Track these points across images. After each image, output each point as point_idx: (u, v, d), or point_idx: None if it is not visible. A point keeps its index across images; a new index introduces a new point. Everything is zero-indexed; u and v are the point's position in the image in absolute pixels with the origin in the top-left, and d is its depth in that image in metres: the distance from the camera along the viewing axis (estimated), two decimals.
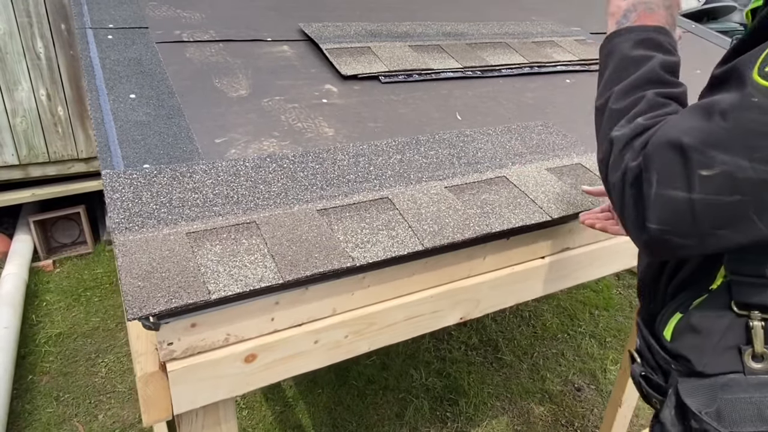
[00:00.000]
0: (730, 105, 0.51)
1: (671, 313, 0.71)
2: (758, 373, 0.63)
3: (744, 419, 0.63)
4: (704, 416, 0.64)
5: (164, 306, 0.73)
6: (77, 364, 2.33)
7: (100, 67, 1.26)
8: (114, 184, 0.92)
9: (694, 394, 0.66)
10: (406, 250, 0.91)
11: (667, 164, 0.53)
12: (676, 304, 0.71)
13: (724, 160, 0.50)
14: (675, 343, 0.70)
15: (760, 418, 0.62)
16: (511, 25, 2.01)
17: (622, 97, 0.68)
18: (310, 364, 0.93)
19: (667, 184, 0.53)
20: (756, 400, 0.63)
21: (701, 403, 0.65)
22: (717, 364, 0.66)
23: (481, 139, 1.28)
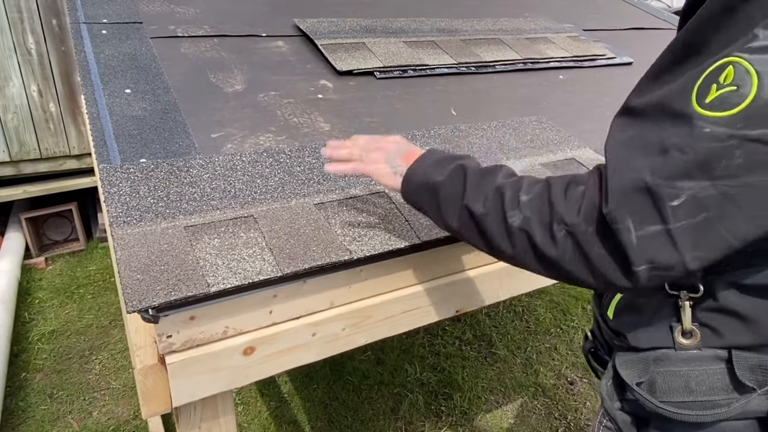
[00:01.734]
0: (684, 139, 0.52)
1: (614, 293, 0.76)
2: (686, 348, 0.67)
3: (673, 390, 0.67)
4: (636, 387, 0.68)
5: (164, 298, 0.73)
6: (71, 361, 2.32)
7: (95, 62, 1.26)
8: (111, 178, 0.92)
9: (629, 367, 0.70)
10: (402, 243, 0.92)
11: (639, 207, 0.54)
12: None
13: (689, 186, 0.52)
14: (615, 320, 0.75)
15: (687, 389, 0.66)
16: (505, 22, 2.02)
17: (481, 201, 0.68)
18: (307, 357, 0.94)
19: (644, 224, 0.54)
20: (684, 372, 0.67)
21: (635, 374, 0.69)
22: (650, 339, 0.70)
23: (475, 134, 1.29)
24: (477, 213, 0.68)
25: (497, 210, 0.66)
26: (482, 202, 0.68)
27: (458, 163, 0.75)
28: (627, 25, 2.37)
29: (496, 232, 0.66)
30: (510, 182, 0.67)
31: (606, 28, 2.28)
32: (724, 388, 0.65)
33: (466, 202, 0.70)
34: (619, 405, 0.72)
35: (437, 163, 0.78)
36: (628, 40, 2.21)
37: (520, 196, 0.64)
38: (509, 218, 0.64)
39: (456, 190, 0.72)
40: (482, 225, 0.68)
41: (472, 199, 0.69)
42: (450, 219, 0.73)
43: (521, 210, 0.64)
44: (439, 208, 0.75)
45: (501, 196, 0.66)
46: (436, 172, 0.76)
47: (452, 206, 0.72)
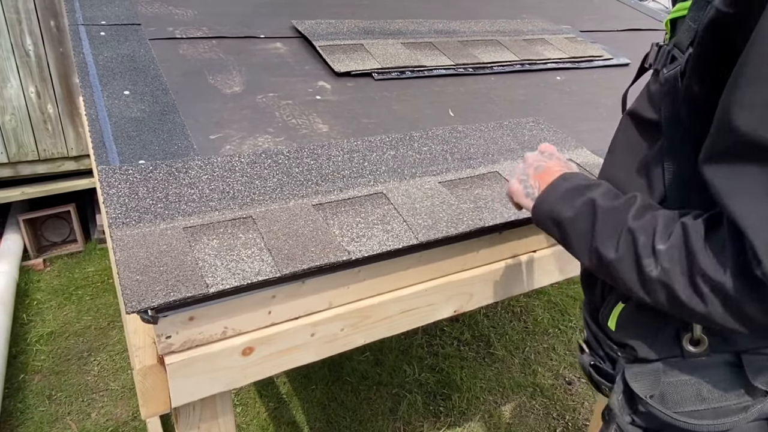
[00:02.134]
0: None
1: (614, 303, 0.74)
2: (695, 356, 0.66)
3: (685, 400, 0.66)
4: (649, 400, 0.67)
5: (163, 299, 0.73)
6: (69, 362, 2.32)
7: (93, 63, 1.26)
8: (110, 179, 0.92)
9: (640, 379, 0.69)
10: (401, 243, 0.93)
11: None
12: (618, 295, 0.73)
13: None
14: (619, 332, 0.73)
15: (699, 398, 0.66)
16: (503, 23, 2.03)
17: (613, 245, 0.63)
18: (306, 357, 0.94)
19: None
20: (695, 381, 0.66)
21: (646, 387, 0.68)
22: (658, 350, 0.69)
23: (473, 135, 1.30)
24: (608, 258, 0.63)
25: (631, 257, 0.61)
26: (614, 246, 0.63)
27: (588, 197, 0.69)
28: (624, 27, 2.38)
29: (630, 278, 0.62)
30: (642, 225, 0.61)
31: (603, 29, 2.29)
32: (736, 394, 0.65)
33: (596, 245, 0.65)
34: (629, 419, 0.70)
35: (566, 194, 0.72)
36: (625, 41, 2.22)
37: (656, 244, 0.59)
38: (645, 267, 0.59)
39: (585, 229, 0.67)
40: (615, 269, 0.63)
41: (602, 242, 0.64)
42: (581, 256, 0.69)
43: (658, 260, 0.58)
44: (569, 245, 0.71)
45: (634, 241, 0.61)
46: (564, 206, 0.71)
47: (582, 246, 0.68)
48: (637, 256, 0.60)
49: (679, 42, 0.63)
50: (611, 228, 0.64)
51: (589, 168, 1.25)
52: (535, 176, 0.79)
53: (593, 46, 2.01)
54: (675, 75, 0.63)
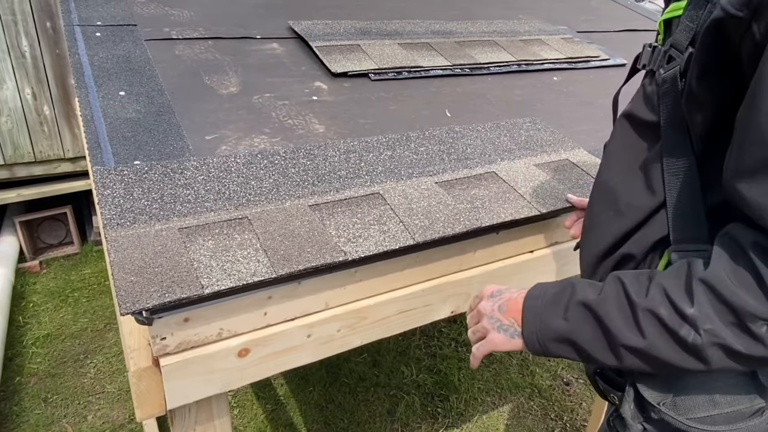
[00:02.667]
0: None
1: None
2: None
3: (697, 406, 0.65)
4: (662, 407, 0.66)
5: (157, 300, 0.73)
6: (65, 365, 2.31)
7: (88, 64, 1.25)
8: (105, 180, 0.92)
9: (651, 387, 0.68)
10: (397, 244, 0.92)
11: None
12: None
13: None
14: None
15: (712, 403, 0.65)
16: (499, 24, 2.03)
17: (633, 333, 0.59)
18: (302, 359, 0.94)
19: None
20: (707, 386, 0.65)
21: (658, 394, 0.67)
22: None
23: (470, 135, 1.30)
24: (639, 347, 0.59)
25: (664, 335, 0.58)
26: (638, 333, 0.59)
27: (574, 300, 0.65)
28: (620, 27, 2.39)
29: (673, 355, 0.58)
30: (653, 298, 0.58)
31: (600, 29, 2.29)
32: (748, 396, 0.64)
33: (620, 341, 0.61)
34: (641, 428, 0.69)
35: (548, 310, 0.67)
36: (622, 41, 2.23)
37: (684, 309, 0.56)
38: (686, 338, 0.56)
39: (595, 333, 0.63)
40: (651, 354, 0.59)
41: (624, 336, 0.60)
42: (609, 361, 0.64)
43: (698, 325, 0.55)
44: (589, 356, 0.65)
45: (657, 317, 0.58)
46: (556, 323, 0.66)
47: (603, 350, 0.63)
48: (671, 331, 0.57)
49: (677, 42, 0.63)
50: (622, 318, 0.60)
51: (587, 167, 1.24)
52: (504, 316, 0.73)
53: (590, 47, 2.01)
54: (674, 75, 0.62)
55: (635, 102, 0.72)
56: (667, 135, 0.65)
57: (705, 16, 0.58)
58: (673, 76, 0.62)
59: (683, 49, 0.61)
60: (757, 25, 0.51)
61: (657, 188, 0.67)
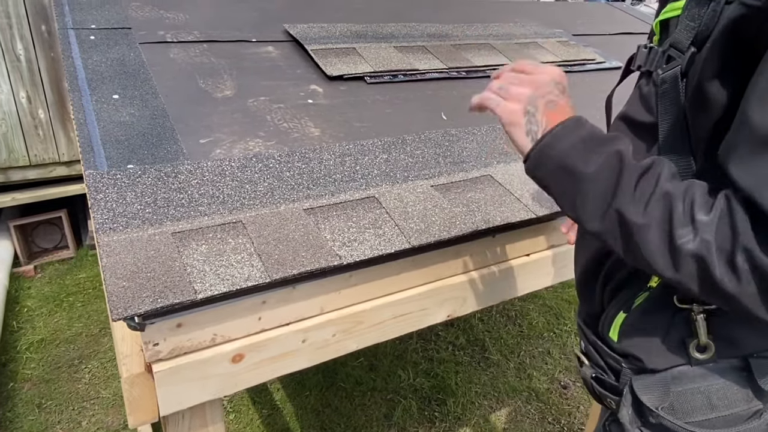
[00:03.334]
0: None
1: (614, 313, 0.72)
2: (703, 363, 0.65)
3: (695, 409, 0.65)
4: (660, 411, 0.65)
5: (149, 306, 0.72)
6: (60, 370, 2.29)
7: (82, 67, 1.25)
8: (97, 184, 0.91)
9: (649, 391, 0.67)
10: (393, 248, 0.92)
11: None
12: (618, 304, 0.71)
13: None
14: (623, 342, 0.71)
15: (709, 406, 0.64)
16: (495, 27, 2.03)
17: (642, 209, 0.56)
18: (297, 364, 0.93)
19: None
20: (704, 389, 0.65)
21: (656, 398, 0.66)
22: (666, 360, 0.67)
23: (466, 138, 1.29)
24: (632, 221, 0.56)
25: (662, 224, 0.55)
26: (641, 209, 0.55)
27: (614, 148, 0.59)
28: (616, 30, 2.39)
29: (656, 248, 0.55)
30: (679, 190, 0.55)
31: (595, 33, 2.30)
32: (745, 398, 0.64)
33: (618, 206, 0.57)
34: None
35: (584, 143, 0.60)
36: (618, 44, 2.23)
37: (696, 214, 0.53)
38: (679, 237, 0.53)
39: (606, 186, 0.58)
40: (637, 236, 0.56)
41: (627, 203, 0.56)
42: (590, 218, 0.60)
43: (698, 231, 0.53)
44: (577, 204, 0.60)
45: (669, 207, 0.54)
46: (581, 158, 0.59)
47: (597, 206, 0.59)
48: (672, 225, 0.54)
49: (677, 41, 0.62)
50: (640, 189, 0.56)
51: None
52: (544, 112, 0.64)
53: (586, 50, 2.01)
54: (674, 75, 0.61)
55: (631, 103, 0.72)
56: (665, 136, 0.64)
57: (709, 14, 0.57)
58: (673, 76, 0.61)
59: (684, 49, 0.60)
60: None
61: None
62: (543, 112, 0.64)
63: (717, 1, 0.56)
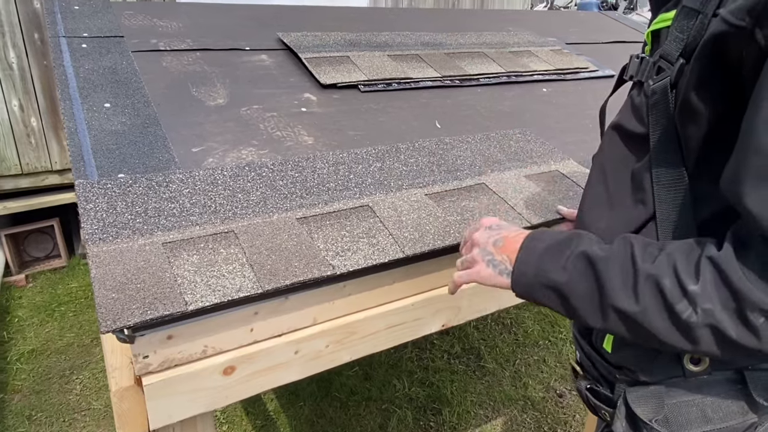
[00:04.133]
0: None
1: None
2: (697, 374, 0.64)
3: (690, 422, 0.64)
4: (654, 424, 0.65)
5: (139, 318, 0.71)
6: (51, 381, 2.26)
7: (74, 75, 1.24)
8: (87, 194, 0.90)
9: (643, 403, 0.67)
10: (387, 257, 0.91)
11: None
12: None
13: None
14: (616, 354, 0.70)
15: (704, 419, 0.64)
16: (489, 36, 2.04)
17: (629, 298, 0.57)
18: (290, 376, 0.91)
19: None
20: (698, 401, 0.64)
21: (650, 410, 0.66)
22: (660, 371, 0.66)
23: (460, 146, 1.29)
24: (630, 311, 0.57)
25: (659, 305, 0.55)
26: (633, 298, 0.57)
27: (577, 251, 0.62)
28: (609, 39, 2.40)
29: (663, 328, 0.56)
30: (660, 267, 0.56)
31: (588, 41, 2.31)
32: (740, 411, 0.63)
33: (610, 302, 0.58)
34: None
35: (547, 254, 0.65)
36: (610, 53, 2.24)
37: (687, 285, 0.54)
38: (680, 313, 0.54)
39: (590, 288, 0.60)
40: (641, 322, 0.57)
41: (617, 296, 0.58)
42: (592, 320, 0.62)
43: (696, 303, 0.53)
44: (575, 311, 0.63)
45: (658, 287, 0.55)
46: (553, 270, 0.63)
47: (591, 307, 0.61)
48: (668, 303, 0.55)
49: (666, 53, 0.62)
50: (621, 278, 0.58)
51: (577, 178, 1.24)
52: (498, 251, 0.71)
53: (579, 58, 2.02)
54: (664, 86, 0.61)
55: (623, 113, 0.72)
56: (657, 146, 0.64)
57: (697, 26, 0.57)
58: (663, 87, 0.61)
59: (674, 60, 0.60)
60: (762, 33, 0.50)
61: (647, 200, 0.66)
62: (497, 252, 0.71)
63: (704, 14, 0.56)
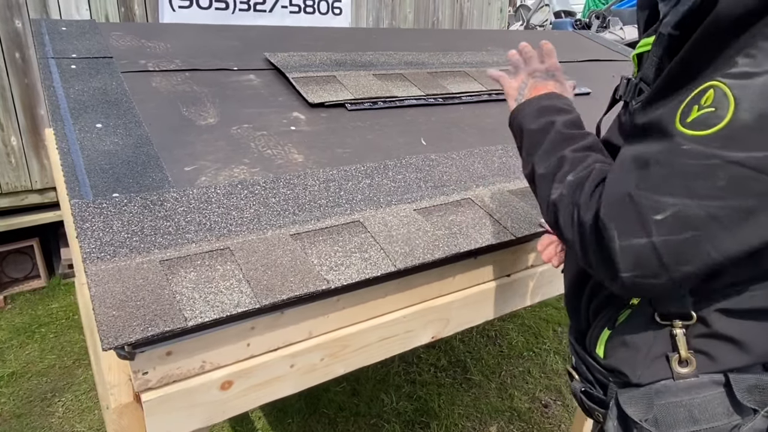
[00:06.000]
0: (663, 153, 0.56)
1: (599, 329, 0.76)
2: (685, 377, 0.68)
3: (678, 422, 0.67)
4: (644, 424, 0.68)
5: (140, 335, 0.72)
6: (32, 404, 2.22)
7: (64, 96, 1.25)
8: (83, 213, 0.91)
9: (634, 404, 0.70)
10: (379, 271, 0.94)
11: (623, 217, 0.57)
12: (603, 321, 0.76)
13: (673, 203, 0.54)
14: (609, 358, 0.74)
15: (691, 419, 0.67)
16: (469, 55, 2.10)
17: (545, 163, 0.73)
18: (285, 389, 0.93)
19: (628, 234, 0.56)
20: (686, 402, 0.67)
21: (640, 411, 0.69)
22: (649, 374, 0.70)
23: (446, 163, 1.33)
24: (537, 171, 0.74)
25: (549, 177, 0.71)
26: (545, 165, 0.73)
27: (552, 119, 0.78)
28: (584, 57, 2.49)
29: (541, 195, 0.73)
30: (574, 157, 0.71)
31: (564, 60, 2.39)
32: (725, 413, 0.66)
33: (534, 159, 0.76)
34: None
35: (540, 110, 0.81)
36: (585, 71, 2.33)
37: (569, 174, 0.68)
38: (552, 189, 0.70)
39: (535, 142, 0.77)
40: (537, 184, 0.75)
41: (540, 158, 0.75)
42: (524, 166, 0.80)
43: (563, 185, 0.68)
44: (521, 153, 0.83)
45: (559, 166, 0.71)
46: (532, 120, 0.80)
47: (527, 157, 0.79)
48: (553, 179, 0.70)
49: (645, 75, 0.67)
50: (552, 150, 0.74)
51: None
52: (531, 89, 0.88)
53: None
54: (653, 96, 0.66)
55: (612, 130, 0.77)
56: None
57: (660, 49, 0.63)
58: None
59: (651, 82, 0.65)
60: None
61: None
62: (530, 89, 0.88)
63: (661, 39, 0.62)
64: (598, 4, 7.57)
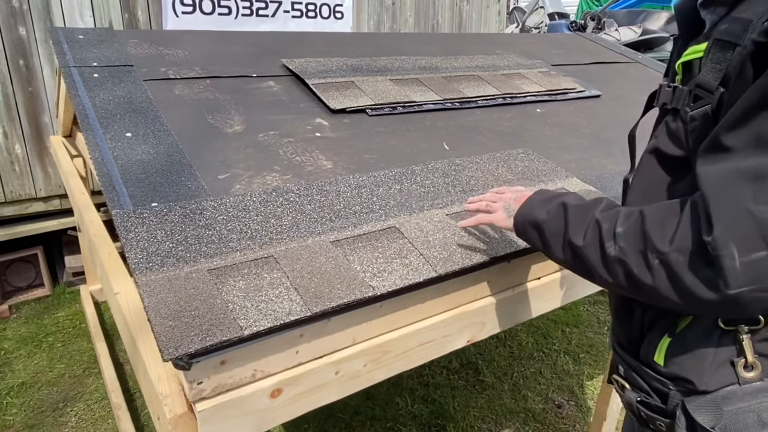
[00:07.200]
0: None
1: (658, 338, 0.76)
2: (751, 381, 0.69)
3: (747, 427, 0.67)
4: (716, 431, 0.68)
5: (199, 344, 0.72)
6: (44, 414, 2.19)
7: (90, 106, 1.24)
8: (126, 224, 0.91)
9: (703, 412, 0.70)
10: (421, 276, 0.94)
11: (743, 233, 0.56)
12: (662, 329, 0.75)
13: None
14: (670, 366, 0.74)
15: (760, 423, 0.67)
16: (480, 59, 2.12)
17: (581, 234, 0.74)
18: (331, 396, 0.94)
19: (749, 249, 0.56)
20: (754, 407, 0.68)
21: (710, 419, 0.69)
22: (716, 380, 0.70)
23: (471, 167, 1.34)
24: (578, 246, 0.74)
25: (595, 241, 0.71)
26: (582, 235, 0.73)
27: (560, 201, 0.81)
28: (589, 60, 2.52)
29: (595, 262, 0.71)
30: (607, 215, 0.72)
31: (571, 62, 2.42)
32: None
33: (568, 237, 0.76)
34: None
35: (542, 202, 0.85)
36: (593, 73, 2.35)
37: (616, 228, 0.68)
38: (607, 249, 0.68)
39: (558, 226, 0.78)
40: (583, 256, 0.73)
41: (574, 233, 0.75)
42: (557, 252, 0.80)
43: (617, 241, 0.67)
44: (546, 244, 0.82)
45: (598, 228, 0.71)
46: (540, 211, 0.83)
47: (557, 241, 0.79)
48: (601, 240, 0.70)
49: (704, 82, 0.67)
50: (580, 221, 0.75)
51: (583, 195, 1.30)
52: (515, 200, 0.93)
53: (566, 79, 2.11)
54: (705, 113, 0.67)
55: (660, 138, 0.77)
56: None
57: (736, 57, 0.62)
58: (703, 113, 0.67)
59: (713, 89, 0.66)
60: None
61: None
62: (515, 201, 0.93)
63: (743, 46, 0.61)
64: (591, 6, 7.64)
